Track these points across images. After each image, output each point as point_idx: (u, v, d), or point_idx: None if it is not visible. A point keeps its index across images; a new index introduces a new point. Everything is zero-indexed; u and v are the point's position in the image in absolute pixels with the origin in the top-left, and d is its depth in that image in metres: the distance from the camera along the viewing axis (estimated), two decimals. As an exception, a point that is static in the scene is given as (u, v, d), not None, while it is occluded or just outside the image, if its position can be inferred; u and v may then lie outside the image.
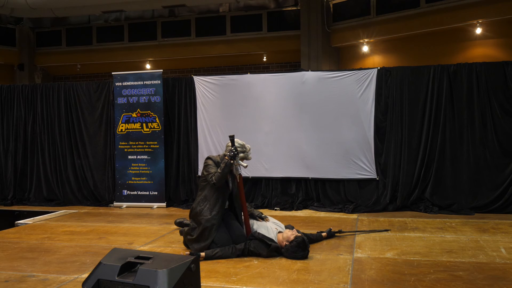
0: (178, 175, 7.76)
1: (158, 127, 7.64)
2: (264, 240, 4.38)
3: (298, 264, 4.17)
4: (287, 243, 4.33)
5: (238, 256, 4.38)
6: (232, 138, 4.64)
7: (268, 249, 4.34)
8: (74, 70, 12.39)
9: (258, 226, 4.68)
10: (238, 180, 4.73)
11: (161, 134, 7.64)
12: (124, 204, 7.72)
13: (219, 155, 4.83)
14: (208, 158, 4.73)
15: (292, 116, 7.23)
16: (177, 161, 7.76)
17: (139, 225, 6.19)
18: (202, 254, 4.31)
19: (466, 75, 6.71)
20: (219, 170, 4.52)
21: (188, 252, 4.44)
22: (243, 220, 4.89)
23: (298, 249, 4.28)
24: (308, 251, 4.35)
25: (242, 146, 4.66)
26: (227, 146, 4.71)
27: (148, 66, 11.65)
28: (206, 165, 4.65)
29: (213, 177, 4.51)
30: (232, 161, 4.54)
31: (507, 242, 4.81)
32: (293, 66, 11.02)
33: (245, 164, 4.62)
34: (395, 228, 5.61)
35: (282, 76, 7.40)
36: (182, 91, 7.74)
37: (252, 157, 4.84)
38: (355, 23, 10.01)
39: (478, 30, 8.74)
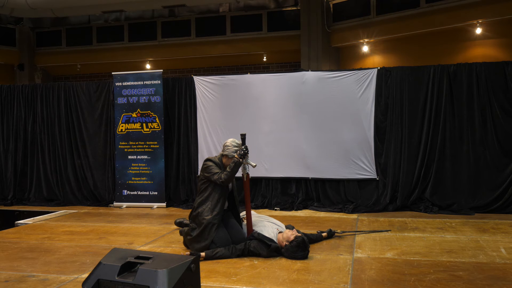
0: (178, 175, 7.76)
1: (158, 127, 7.64)
2: (264, 240, 4.38)
3: (298, 264, 4.17)
4: (287, 243, 4.33)
5: (238, 256, 4.38)
6: (243, 137, 4.64)
7: (268, 249, 4.34)
8: (74, 70, 12.39)
9: (259, 226, 4.68)
10: (245, 179, 4.73)
11: (161, 134, 7.64)
12: (124, 204, 7.72)
13: (216, 156, 4.83)
14: (207, 159, 4.72)
15: (292, 116, 7.23)
16: (177, 161, 7.76)
17: (139, 225, 6.19)
18: (202, 254, 4.31)
19: (466, 75, 6.71)
20: (228, 169, 4.52)
21: (188, 252, 4.44)
22: (242, 220, 4.90)
23: (298, 249, 4.28)
24: (308, 251, 4.35)
25: (239, 145, 4.67)
26: (225, 146, 4.71)
27: (148, 66, 11.65)
28: (207, 167, 4.64)
29: (222, 176, 4.50)
30: (241, 160, 4.54)
31: (507, 242, 4.81)
32: (293, 66, 11.02)
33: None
34: (395, 228, 5.61)
35: (282, 76, 7.40)
36: (182, 91, 7.74)
37: (250, 157, 4.83)
38: (355, 23, 10.01)
39: (478, 30, 8.74)
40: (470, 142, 6.68)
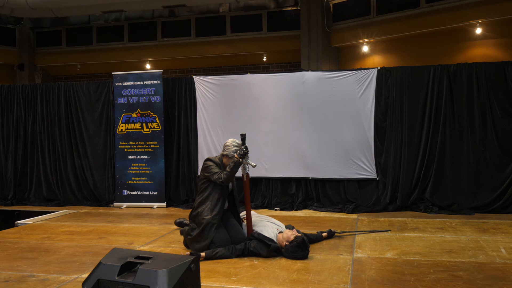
0: (178, 175, 7.76)
1: (158, 127, 7.64)
2: (264, 240, 4.38)
3: (298, 264, 4.17)
4: (287, 243, 4.33)
5: (238, 256, 4.38)
6: (243, 137, 4.64)
7: (268, 249, 4.34)
8: (74, 70, 12.39)
9: (259, 226, 4.68)
10: (245, 179, 4.73)
11: (161, 134, 7.64)
12: (124, 204, 7.72)
13: (216, 156, 4.83)
14: (207, 159, 4.73)
15: (292, 116, 7.23)
16: (177, 161, 7.76)
17: (139, 225, 6.19)
18: (202, 254, 4.31)
19: (466, 75, 6.71)
20: (228, 169, 4.52)
21: (188, 252, 4.44)
22: (242, 220, 4.90)
23: (298, 249, 4.28)
24: (308, 251, 4.35)
25: (239, 145, 4.67)
26: (225, 146, 4.71)
27: (148, 66, 11.66)
28: (207, 166, 4.64)
29: (222, 175, 4.50)
30: (241, 160, 4.54)
31: (507, 242, 4.81)
32: (293, 66, 11.03)
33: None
34: (395, 228, 5.61)
35: (282, 76, 7.40)
36: (182, 91, 7.74)
37: (251, 157, 4.84)
38: (355, 23, 10.01)
39: (478, 30, 8.74)
40: (470, 142, 6.67)
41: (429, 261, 4.20)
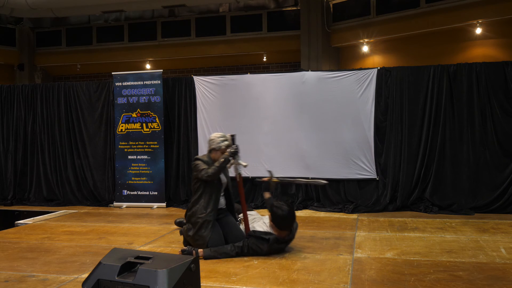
0: (178, 175, 7.76)
1: (158, 127, 7.64)
2: (261, 236, 4.37)
3: (298, 264, 4.17)
4: (272, 223, 4.41)
5: (237, 253, 4.36)
6: (233, 137, 4.68)
7: (268, 243, 4.33)
8: (74, 70, 12.38)
9: (252, 223, 4.69)
10: (238, 180, 4.73)
11: (161, 134, 7.63)
12: (124, 204, 7.72)
13: (204, 154, 4.84)
14: (195, 159, 4.73)
15: (292, 116, 7.22)
16: (177, 161, 7.76)
17: (139, 225, 6.19)
18: (200, 250, 4.31)
19: (466, 75, 6.71)
20: (216, 164, 4.51)
21: (186, 248, 4.44)
22: (239, 222, 4.90)
23: (282, 206, 4.39)
24: (292, 203, 4.48)
25: (224, 137, 4.71)
26: (210, 140, 4.75)
27: (148, 66, 11.65)
28: (195, 165, 4.64)
29: (208, 170, 4.47)
30: (231, 158, 4.55)
31: (507, 242, 4.81)
32: (293, 66, 11.02)
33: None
34: (395, 228, 5.61)
35: (282, 76, 7.40)
36: (182, 91, 7.74)
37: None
38: (355, 23, 10.01)
39: (478, 30, 8.73)
40: (470, 142, 6.67)
41: (429, 261, 4.20)
